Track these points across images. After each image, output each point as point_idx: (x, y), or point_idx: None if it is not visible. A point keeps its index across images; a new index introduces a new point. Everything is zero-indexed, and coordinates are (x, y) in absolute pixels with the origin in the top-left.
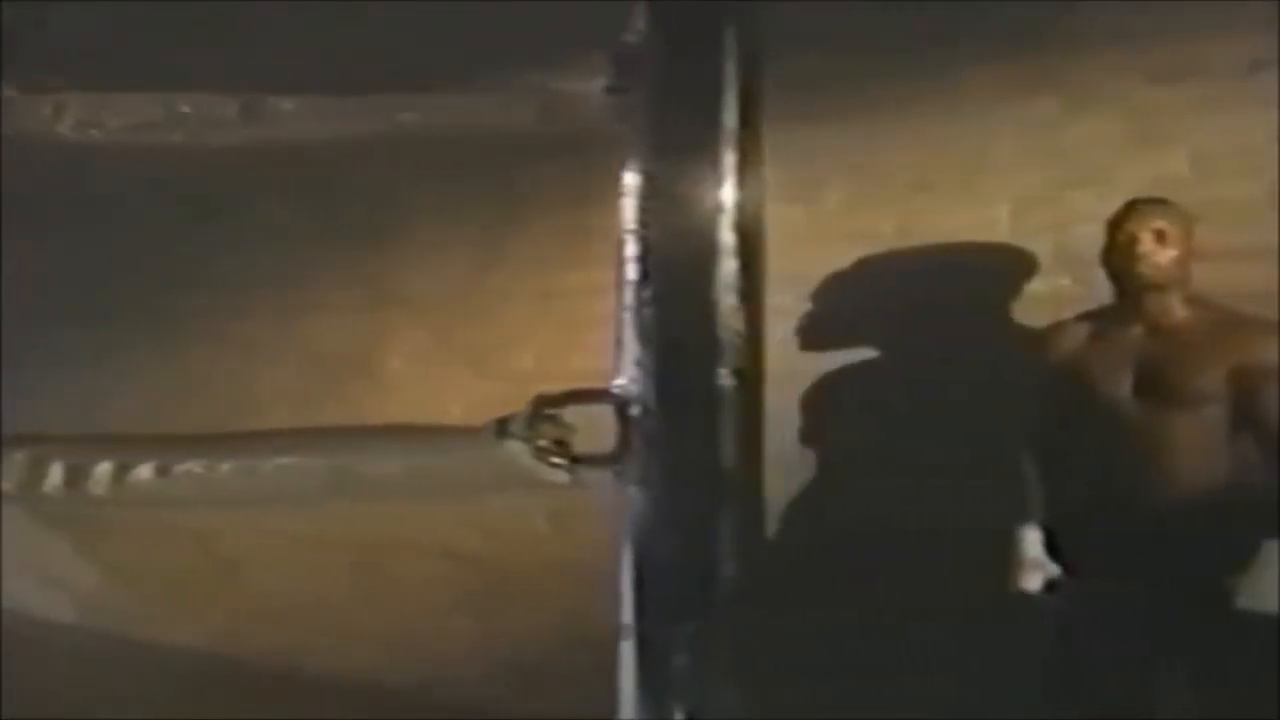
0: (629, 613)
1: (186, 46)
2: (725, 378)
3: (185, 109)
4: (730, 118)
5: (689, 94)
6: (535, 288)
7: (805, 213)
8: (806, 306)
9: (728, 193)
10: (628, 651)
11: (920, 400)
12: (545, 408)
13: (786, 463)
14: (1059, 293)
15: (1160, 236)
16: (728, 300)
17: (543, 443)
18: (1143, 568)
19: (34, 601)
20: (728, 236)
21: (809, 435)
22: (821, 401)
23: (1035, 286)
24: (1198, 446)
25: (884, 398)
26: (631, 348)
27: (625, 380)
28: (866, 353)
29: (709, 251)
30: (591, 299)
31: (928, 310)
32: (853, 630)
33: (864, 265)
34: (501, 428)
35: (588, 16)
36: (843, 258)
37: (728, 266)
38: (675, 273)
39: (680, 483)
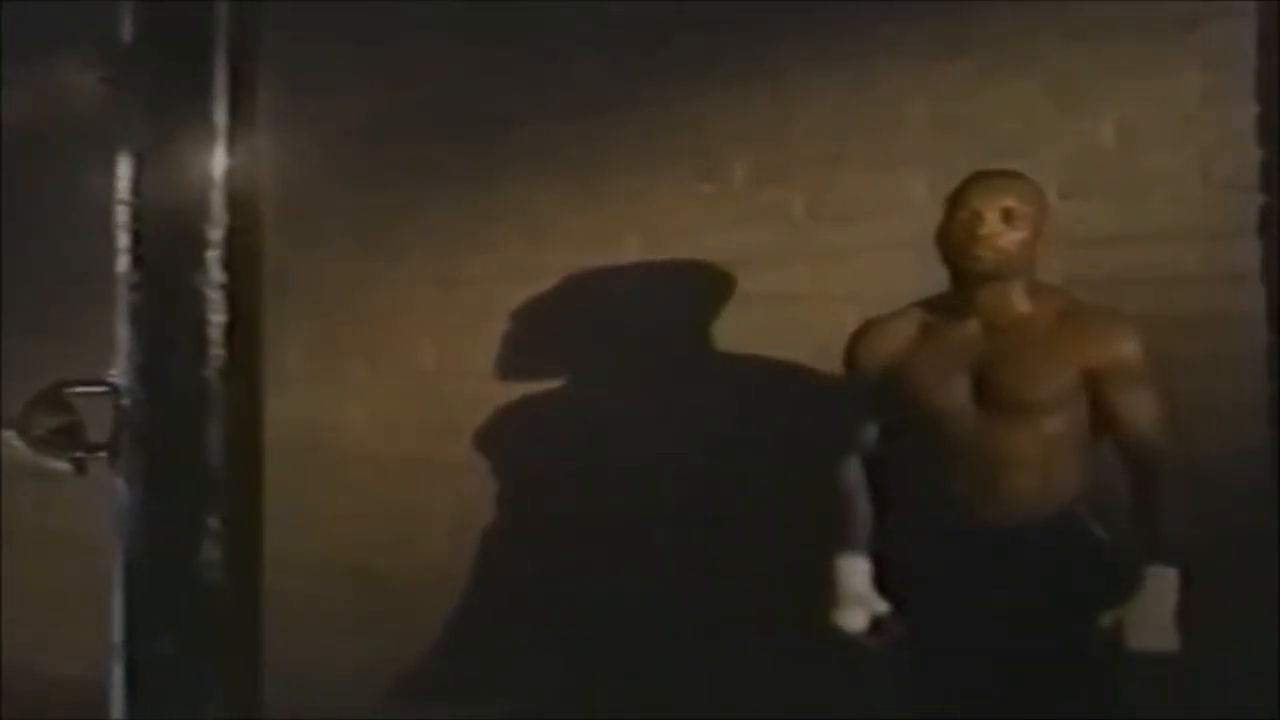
0: (116, 617)
1: None
2: (210, 371)
3: None
4: (220, 110)
5: (180, 85)
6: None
7: (713, 190)
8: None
9: (217, 182)
10: (116, 659)
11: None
12: (45, 397)
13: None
14: None
15: (1008, 216)
16: (212, 293)
17: (40, 432)
18: (988, 601)
19: None
20: (215, 229)
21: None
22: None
23: None
24: (1049, 459)
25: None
26: (123, 338)
27: (119, 371)
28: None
29: (196, 243)
30: (492, 288)
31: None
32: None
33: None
34: None
35: (84, 8)
36: (751, 237)
37: (213, 258)
38: (162, 264)
39: (163, 479)
